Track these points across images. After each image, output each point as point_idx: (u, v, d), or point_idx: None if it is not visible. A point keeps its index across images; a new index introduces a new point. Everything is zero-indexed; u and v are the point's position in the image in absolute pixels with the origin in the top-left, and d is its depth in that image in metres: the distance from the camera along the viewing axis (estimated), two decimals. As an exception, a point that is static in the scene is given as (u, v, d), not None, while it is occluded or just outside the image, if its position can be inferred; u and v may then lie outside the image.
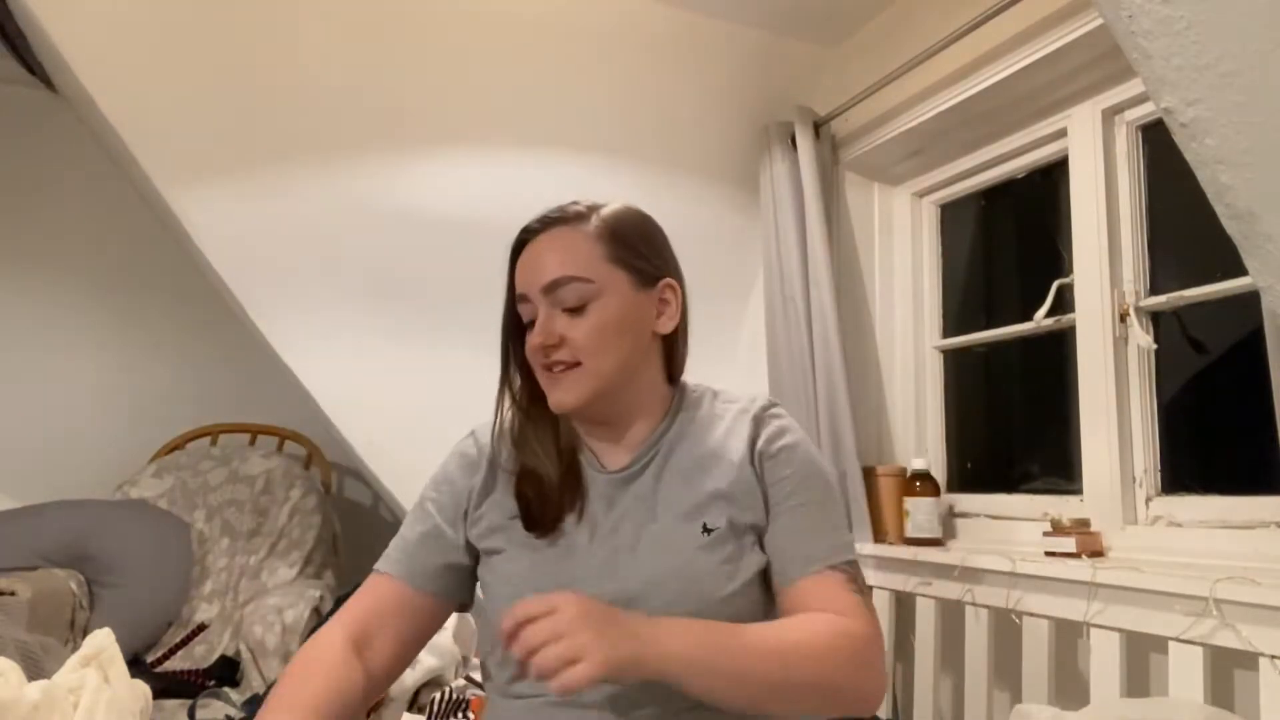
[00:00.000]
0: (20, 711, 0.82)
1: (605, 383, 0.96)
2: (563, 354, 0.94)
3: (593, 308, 0.94)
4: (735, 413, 1.02)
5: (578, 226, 0.98)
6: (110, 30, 1.77)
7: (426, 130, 2.03)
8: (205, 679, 2.01)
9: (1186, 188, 0.92)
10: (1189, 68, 0.78)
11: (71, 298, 2.80)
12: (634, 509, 0.97)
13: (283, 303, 1.89)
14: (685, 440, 1.00)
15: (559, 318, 0.95)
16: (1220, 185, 0.82)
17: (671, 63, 2.22)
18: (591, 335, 0.94)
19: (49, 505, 2.32)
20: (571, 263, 0.95)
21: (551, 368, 0.95)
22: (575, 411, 0.98)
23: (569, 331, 0.94)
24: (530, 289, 0.96)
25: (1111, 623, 1.38)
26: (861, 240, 2.27)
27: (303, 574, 2.34)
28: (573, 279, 0.94)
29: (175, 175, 1.82)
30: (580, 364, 0.94)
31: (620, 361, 0.96)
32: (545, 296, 0.95)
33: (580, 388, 0.94)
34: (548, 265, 0.95)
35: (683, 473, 0.97)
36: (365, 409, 1.94)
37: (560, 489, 0.98)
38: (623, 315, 0.96)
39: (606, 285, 0.96)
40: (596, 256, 0.96)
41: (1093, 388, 1.69)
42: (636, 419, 1.01)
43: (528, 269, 0.98)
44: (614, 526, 0.96)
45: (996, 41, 1.76)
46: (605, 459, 1.02)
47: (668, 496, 0.96)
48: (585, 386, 0.94)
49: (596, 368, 0.94)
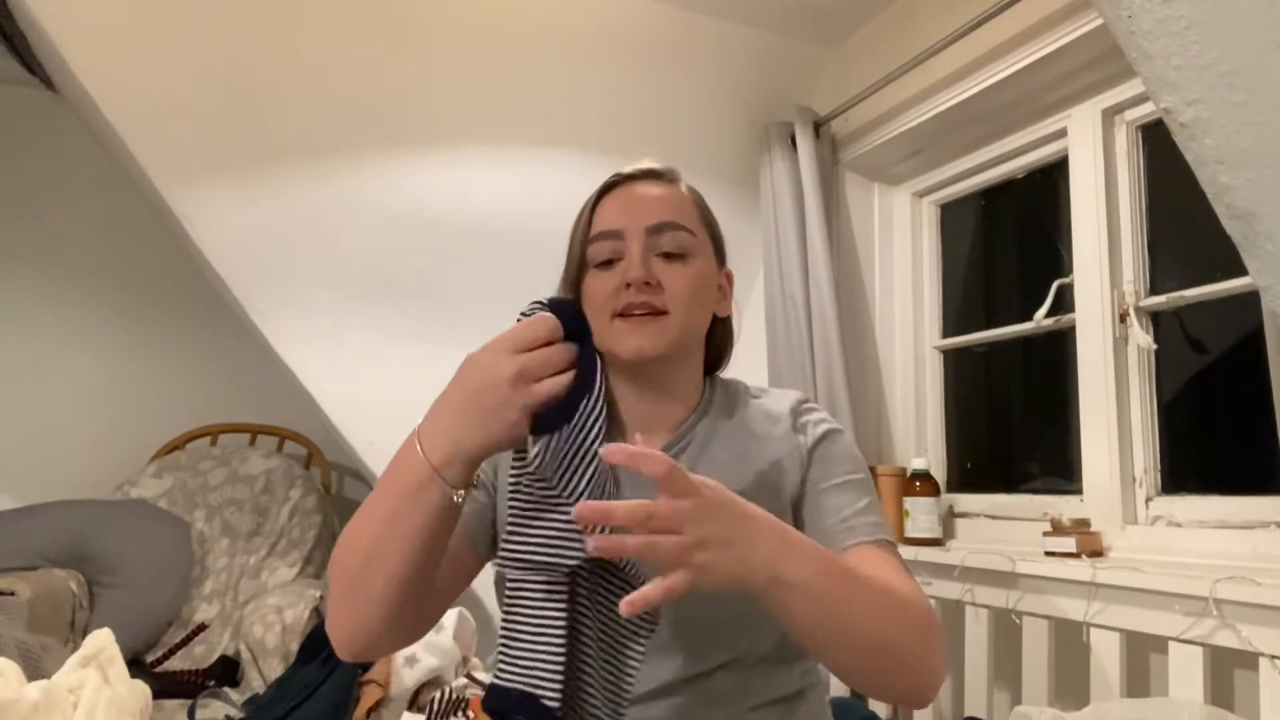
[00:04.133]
0: (20, 711, 0.81)
1: (684, 340, 0.92)
2: (656, 297, 0.89)
3: (692, 261, 0.92)
4: (771, 406, 0.99)
5: (675, 184, 0.97)
6: (110, 30, 1.76)
7: (427, 131, 2.03)
8: (205, 679, 2.01)
9: (1186, 188, 0.92)
10: (1189, 68, 0.78)
11: (72, 298, 2.80)
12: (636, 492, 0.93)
13: (283, 303, 1.89)
14: (723, 433, 0.96)
15: (656, 262, 0.91)
16: (1220, 185, 0.82)
17: (672, 63, 2.22)
18: (688, 286, 0.91)
19: (49, 505, 2.32)
20: (680, 211, 0.93)
21: (635, 310, 0.90)
22: (648, 364, 0.91)
23: (666, 276, 0.90)
24: (631, 224, 0.91)
25: (1111, 623, 1.38)
26: (861, 240, 2.27)
27: (303, 574, 2.34)
28: (682, 227, 0.92)
29: (175, 175, 1.82)
30: (667, 313, 0.90)
31: (698, 325, 0.94)
32: (648, 237, 0.91)
33: (664, 336, 0.89)
34: (657, 207, 0.93)
35: (720, 466, 0.93)
36: (365, 409, 1.94)
37: None
38: (709, 280, 0.95)
39: (702, 246, 0.94)
40: (695, 216, 0.95)
41: (1093, 388, 1.69)
42: (675, 400, 0.97)
43: (629, 206, 0.93)
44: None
45: (996, 41, 1.76)
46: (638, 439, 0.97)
47: None
48: (668, 337, 0.90)
49: (683, 320, 0.91)
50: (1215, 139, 0.80)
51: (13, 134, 2.75)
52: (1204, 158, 0.82)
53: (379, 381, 1.94)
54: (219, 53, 1.86)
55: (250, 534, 2.40)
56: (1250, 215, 0.82)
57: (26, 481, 2.60)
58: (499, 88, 2.08)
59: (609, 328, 0.90)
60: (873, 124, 2.14)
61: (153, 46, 1.81)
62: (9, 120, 2.75)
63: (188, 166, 1.82)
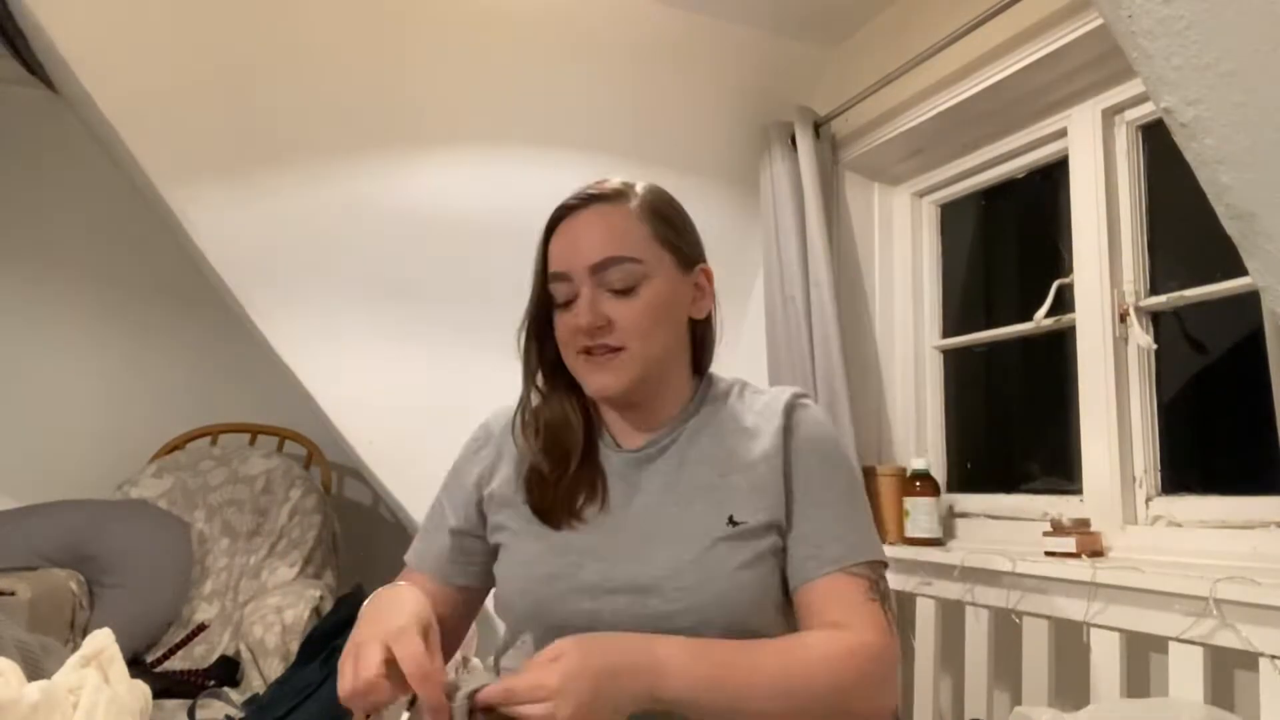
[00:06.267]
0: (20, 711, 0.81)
1: (648, 368, 0.92)
2: (609, 337, 0.90)
3: (643, 290, 0.90)
4: (765, 404, 0.98)
5: (621, 204, 0.94)
6: (110, 30, 1.76)
7: (427, 131, 2.03)
8: (205, 679, 2.01)
9: (1186, 188, 0.92)
10: (1189, 68, 0.78)
11: (71, 298, 2.79)
12: (655, 494, 0.93)
13: (283, 303, 1.89)
14: (711, 428, 0.97)
15: (605, 299, 0.90)
16: (1220, 185, 0.82)
17: (672, 63, 2.22)
18: (641, 319, 0.90)
19: (49, 505, 2.32)
20: (621, 242, 0.91)
21: (593, 351, 0.91)
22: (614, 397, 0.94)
23: (616, 314, 0.90)
24: (574, 267, 0.91)
25: (1111, 623, 1.38)
26: (861, 240, 2.27)
27: (303, 574, 2.34)
28: (624, 259, 0.90)
29: (175, 175, 1.82)
30: (624, 348, 0.90)
31: (663, 346, 0.93)
32: (591, 276, 0.90)
33: (625, 373, 0.91)
34: (595, 243, 0.91)
35: (709, 461, 0.94)
36: (365, 409, 1.94)
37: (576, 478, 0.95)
38: (669, 298, 0.93)
39: (655, 267, 0.92)
40: (644, 236, 0.93)
41: (1093, 388, 1.69)
42: (663, 404, 0.98)
43: (571, 246, 0.92)
44: (633, 510, 0.93)
45: (996, 41, 1.76)
46: (623, 439, 0.98)
47: (692, 484, 0.93)
48: (630, 371, 0.91)
49: (642, 352, 0.91)
50: (1215, 139, 0.80)
51: (13, 134, 2.75)
52: (1204, 158, 0.82)
53: (379, 381, 1.94)
54: (219, 53, 1.86)
55: (250, 534, 2.40)
56: (1250, 215, 0.82)
57: (26, 481, 2.60)
58: (499, 88, 2.08)
59: (575, 364, 0.94)
60: (873, 124, 2.14)
61: (153, 46, 1.81)
62: (9, 120, 2.75)
63: (188, 166, 1.82)
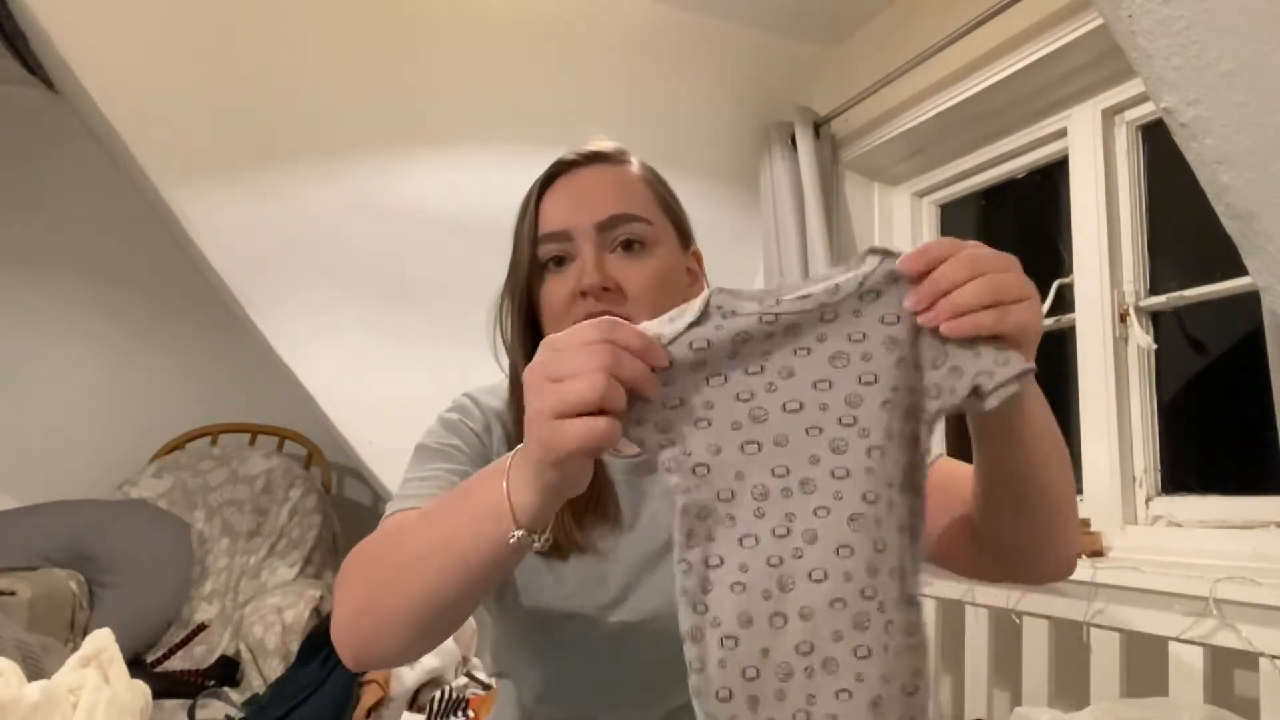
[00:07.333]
0: (20, 711, 0.81)
1: None
2: (615, 304, 0.79)
3: (653, 251, 0.83)
4: None
5: (624, 165, 0.87)
6: (110, 30, 1.76)
7: (426, 130, 2.03)
8: (205, 679, 2.01)
9: (1186, 188, 0.92)
10: (1189, 68, 0.78)
11: (71, 297, 2.80)
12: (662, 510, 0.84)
13: (283, 303, 1.89)
14: None
15: (611, 261, 0.81)
16: (1220, 185, 0.82)
17: (671, 63, 2.22)
18: (652, 283, 0.81)
19: (49, 505, 2.32)
20: (631, 200, 0.84)
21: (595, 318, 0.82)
22: None
23: (625, 276, 0.81)
24: (577, 224, 0.82)
25: (1111, 623, 1.38)
26: (861, 240, 2.27)
27: (303, 574, 2.34)
28: (635, 217, 0.82)
29: (175, 175, 1.82)
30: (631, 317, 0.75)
31: None
32: (598, 234, 0.81)
33: None
34: (603, 199, 0.83)
35: None
36: (365, 409, 1.94)
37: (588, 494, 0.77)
38: (673, 271, 0.85)
39: (661, 233, 0.85)
40: (650, 199, 0.86)
41: (1092, 388, 1.69)
42: None
43: (572, 202, 0.84)
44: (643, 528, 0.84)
45: (996, 41, 1.76)
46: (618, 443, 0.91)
47: None
48: None
49: None
50: (1215, 139, 0.80)
51: (13, 134, 2.75)
52: (1204, 158, 0.82)
53: (379, 381, 1.94)
54: (219, 53, 1.86)
55: (250, 534, 2.40)
56: (1250, 215, 0.82)
57: (26, 481, 2.60)
58: (499, 88, 2.08)
59: None
60: (873, 124, 2.14)
61: (153, 46, 1.81)
62: (9, 120, 2.75)
63: (187, 166, 1.82)
